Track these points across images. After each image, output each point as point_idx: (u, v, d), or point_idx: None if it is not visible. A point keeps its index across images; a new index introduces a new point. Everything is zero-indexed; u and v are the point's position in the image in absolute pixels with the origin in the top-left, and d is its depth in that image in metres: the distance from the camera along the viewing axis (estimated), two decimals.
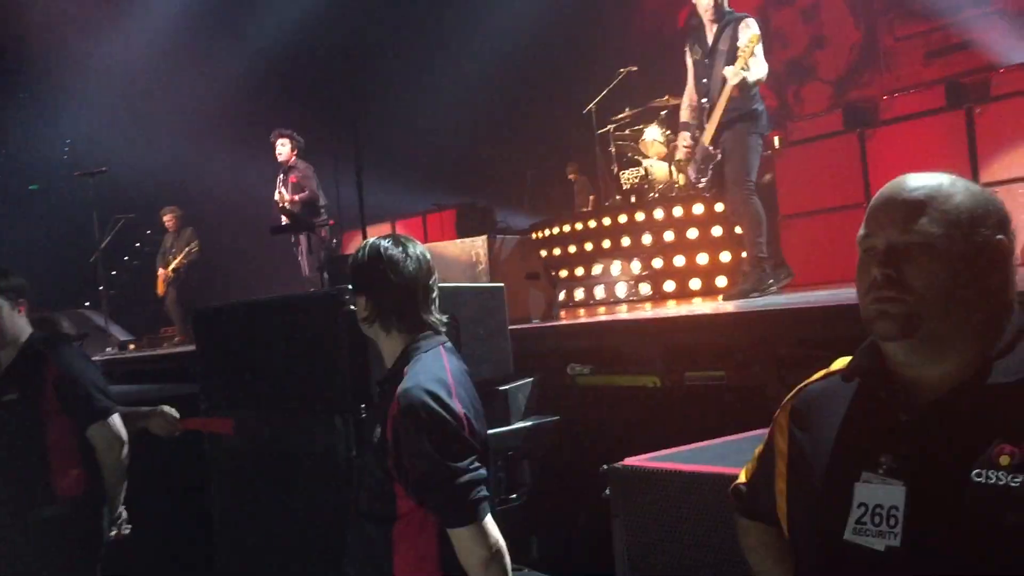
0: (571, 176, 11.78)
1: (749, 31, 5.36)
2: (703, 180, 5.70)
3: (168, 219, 10.67)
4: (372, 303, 2.45)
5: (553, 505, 3.61)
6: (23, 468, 3.54)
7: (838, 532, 1.43)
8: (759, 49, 5.37)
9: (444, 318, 2.54)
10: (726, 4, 5.66)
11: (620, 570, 2.53)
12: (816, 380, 1.66)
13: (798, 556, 1.59)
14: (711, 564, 2.26)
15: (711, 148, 5.56)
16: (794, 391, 1.67)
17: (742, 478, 1.81)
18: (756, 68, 5.35)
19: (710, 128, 5.54)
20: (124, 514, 3.73)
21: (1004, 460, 1.32)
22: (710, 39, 5.67)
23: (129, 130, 12.34)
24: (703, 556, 2.29)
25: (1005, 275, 1.45)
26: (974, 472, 1.33)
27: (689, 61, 5.84)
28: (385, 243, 2.49)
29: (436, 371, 2.36)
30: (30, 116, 13.16)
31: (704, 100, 5.67)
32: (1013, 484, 1.30)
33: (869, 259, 1.45)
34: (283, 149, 9.03)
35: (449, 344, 2.49)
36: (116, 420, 3.63)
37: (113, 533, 3.69)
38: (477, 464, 2.31)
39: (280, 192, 9.04)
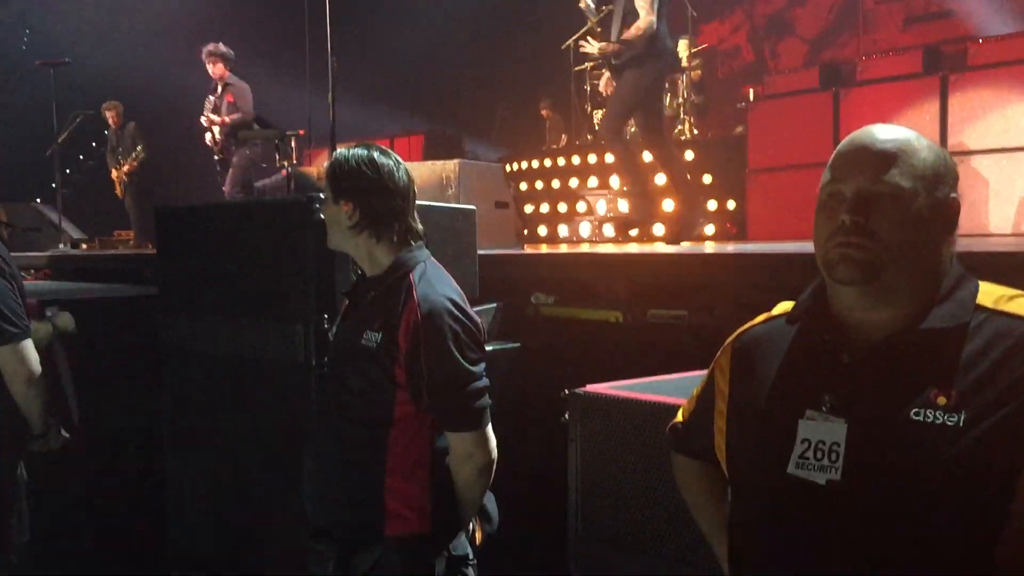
0: (544, 112, 11.68)
1: None
2: None
3: (111, 115, 10.35)
4: (362, 210, 2.40)
5: (509, 429, 3.65)
6: None
7: (781, 466, 1.48)
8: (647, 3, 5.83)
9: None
10: None
11: (572, 494, 2.58)
12: (758, 323, 1.70)
13: (737, 492, 1.64)
14: (661, 490, 2.32)
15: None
16: (735, 333, 1.71)
17: (679, 417, 1.87)
18: (641, 20, 5.82)
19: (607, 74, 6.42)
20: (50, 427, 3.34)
21: (941, 400, 1.38)
22: None
23: (93, 22, 11.91)
24: (654, 482, 2.35)
25: (952, 231, 1.51)
26: (912, 411, 1.39)
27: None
28: (374, 152, 2.45)
29: (448, 281, 2.40)
30: None
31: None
32: (949, 423, 1.36)
33: (835, 204, 1.48)
34: (215, 69, 8.72)
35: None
36: (25, 347, 3.14)
37: (38, 447, 3.33)
38: (486, 373, 2.36)
39: (208, 116, 8.70)
